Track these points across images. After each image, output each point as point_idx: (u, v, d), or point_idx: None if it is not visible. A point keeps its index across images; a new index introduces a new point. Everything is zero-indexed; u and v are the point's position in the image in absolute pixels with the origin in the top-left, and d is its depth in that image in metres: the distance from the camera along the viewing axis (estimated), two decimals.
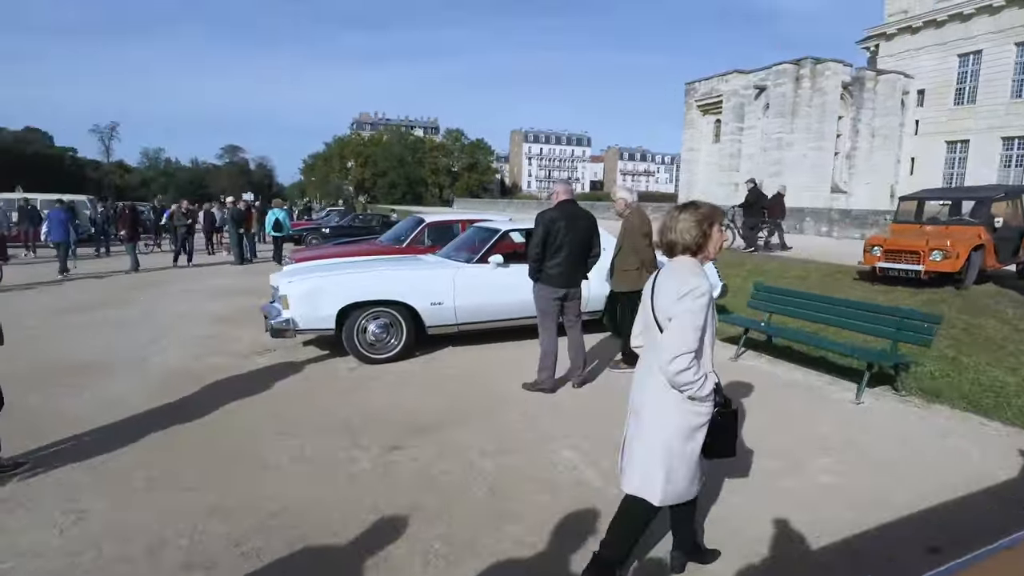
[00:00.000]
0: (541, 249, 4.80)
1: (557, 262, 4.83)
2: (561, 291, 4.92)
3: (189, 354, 6.27)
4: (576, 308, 5.09)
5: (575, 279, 4.98)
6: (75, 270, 13.39)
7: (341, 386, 5.22)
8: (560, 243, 4.79)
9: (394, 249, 8.73)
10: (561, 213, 4.83)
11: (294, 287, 5.52)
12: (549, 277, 4.87)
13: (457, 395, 4.97)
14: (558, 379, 5.11)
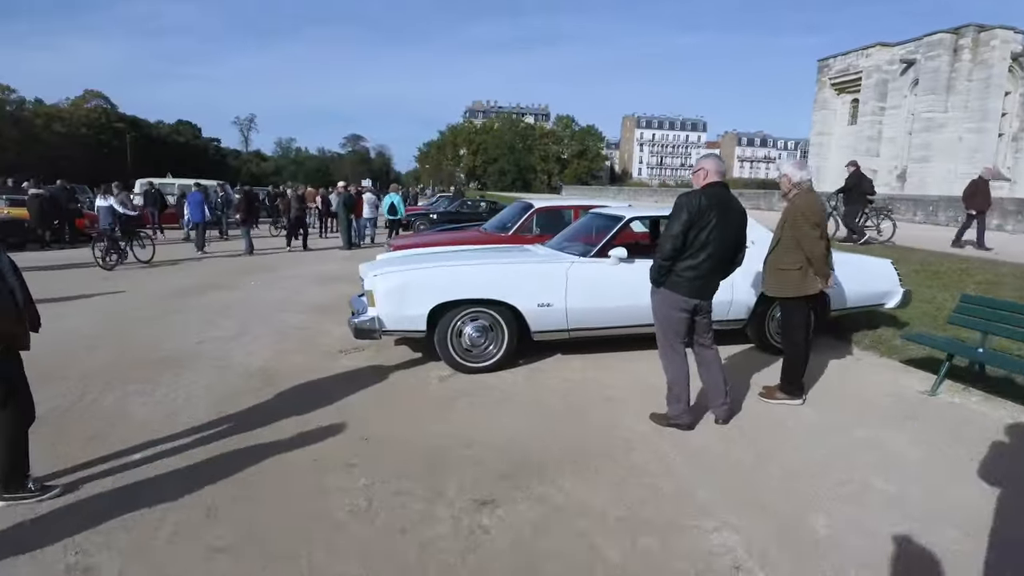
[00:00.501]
0: (681, 245, 3.66)
1: (695, 264, 3.68)
2: (693, 302, 3.76)
3: (274, 350, 5.76)
4: (708, 324, 3.91)
5: (711, 288, 3.81)
6: (207, 249, 14.17)
7: (429, 401, 4.40)
8: (706, 239, 3.63)
9: (499, 238, 7.87)
10: (711, 199, 3.66)
11: (380, 281, 4.76)
12: (679, 282, 3.72)
13: (568, 423, 3.97)
14: (693, 405, 3.97)
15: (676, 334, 3.83)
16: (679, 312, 3.78)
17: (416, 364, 5.25)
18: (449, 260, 5.16)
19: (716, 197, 3.67)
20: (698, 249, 3.66)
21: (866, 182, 12.59)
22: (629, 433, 3.84)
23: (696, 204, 3.63)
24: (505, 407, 4.28)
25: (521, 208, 8.29)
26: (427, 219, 19.22)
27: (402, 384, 4.75)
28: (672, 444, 3.68)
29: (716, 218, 3.62)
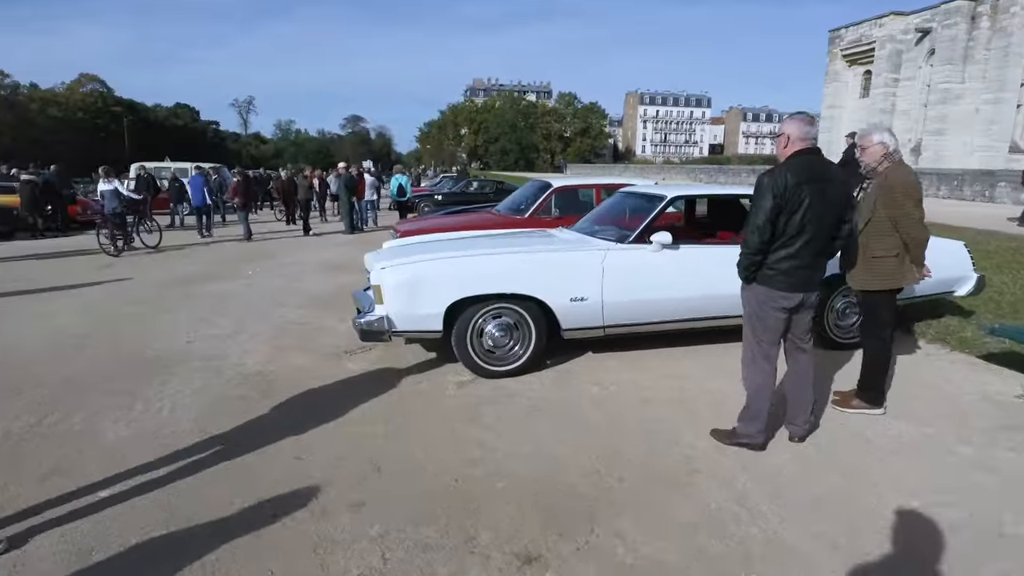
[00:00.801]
0: (769, 236, 3.03)
1: (792, 252, 3.04)
2: (796, 297, 3.13)
3: (271, 349, 5.16)
4: (808, 322, 3.27)
5: (817, 277, 3.17)
6: (207, 235, 13.87)
7: (447, 413, 3.80)
8: (801, 223, 2.98)
9: (514, 221, 7.22)
10: (802, 174, 2.99)
11: (389, 275, 4.14)
12: (775, 276, 3.09)
13: (614, 441, 3.37)
14: None
15: (771, 337, 3.20)
16: (777, 311, 3.15)
17: (430, 367, 4.65)
18: (466, 248, 4.52)
19: (806, 170, 3.01)
20: (793, 236, 3.02)
21: None
22: (689, 452, 3.24)
23: (782, 184, 2.98)
24: (537, 422, 3.68)
25: (538, 188, 7.62)
26: (432, 200, 18.57)
27: (415, 393, 4.15)
28: (742, 468, 3.08)
29: (810, 196, 2.97)
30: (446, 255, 4.34)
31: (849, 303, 4.85)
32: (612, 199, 5.65)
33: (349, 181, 14.32)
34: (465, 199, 17.41)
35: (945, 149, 30.67)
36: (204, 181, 14.32)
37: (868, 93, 36.78)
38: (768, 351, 3.21)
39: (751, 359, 3.26)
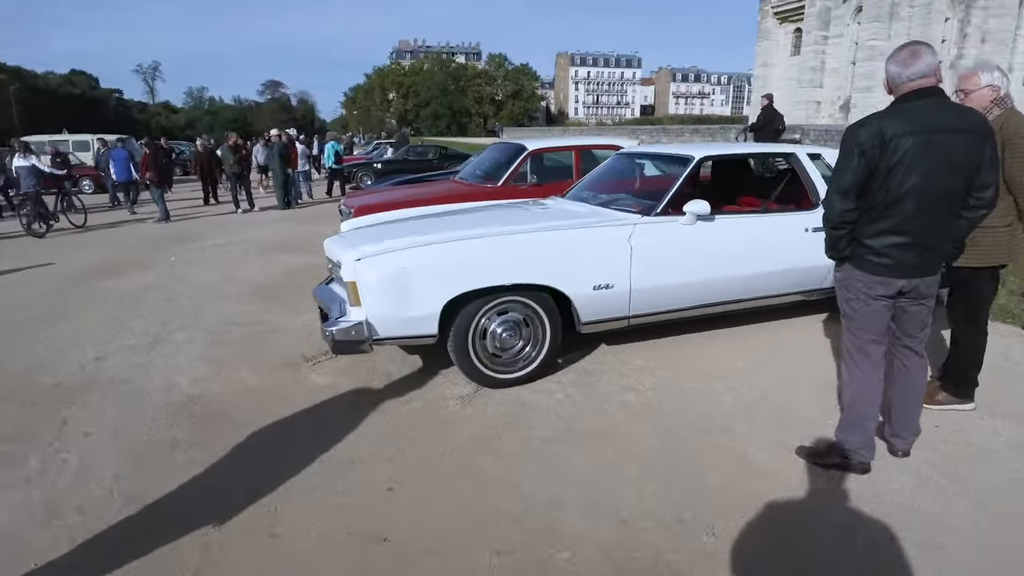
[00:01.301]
0: (854, 201, 2.32)
1: (891, 226, 2.33)
2: (896, 283, 2.43)
3: (209, 363, 4.12)
4: (924, 317, 2.59)
5: (929, 260, 2.43)
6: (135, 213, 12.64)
7: (455, 442, 2.96)
8: (904, 186, 2.26)
9: (485, 190, 6.31)
10: (906, 123, 2.25)
11: (369, 268, 3.18)
12: (869, 256, 2.40)
13: (677, 469, 2.64)
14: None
15: (869, 332, 2.51)
16: (874, 300, 2.45)
17: (418, 376, 3.77)
18: (456, 228, 3.61)
19: (913, 117, 2.28)
20: (892, 203, 2.31)
21: (778, 118, 11.82)
22: (778, 481, 2.54)
23: (875, 136, 2.25)
24: (573, 449, 2.89)
25: (510, 152, 6.70)
26: (371, 170, 17.24)
27: (409, 415, 3.27)
28: (857, 500, 2.42)
29: (915, 151, 2.25)
30: (436, 238, 3.42)
31: None
32: (613, 163, 4.83)
33: (283, 150, 12.82)
34: (408, 167, 16.22)
35: (872, 106, 31.46)
36: (129, 154, 13.19)
37: (799, 51, 37.27)
38: (867, 347, 2.54)
39: (849, 355, 2.60)
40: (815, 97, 36.82)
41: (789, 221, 3.88)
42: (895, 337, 2.63)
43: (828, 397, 3.32)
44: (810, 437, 2.89)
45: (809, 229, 3.89)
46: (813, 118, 35.84)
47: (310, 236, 9.26)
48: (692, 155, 3.85)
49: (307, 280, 6.36)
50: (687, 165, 3.81)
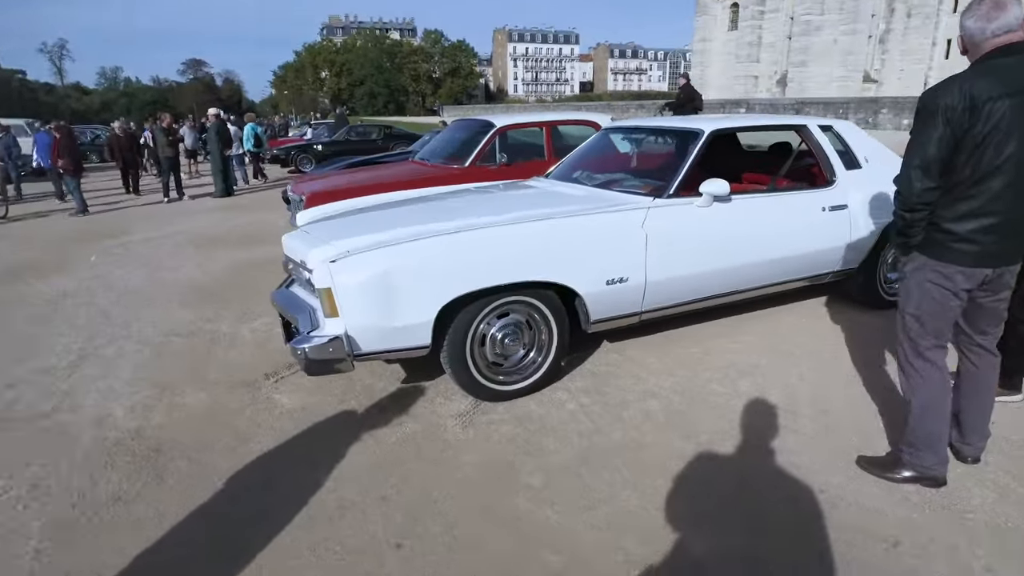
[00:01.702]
0: (935, 176, 1.97)
1: (978, 207, 2.00)
2: (980, 273, 2.10)
3: (146, 386, 3.47)
4: (1003, 309, 2.28)
5: (1016, 245, 2.11)
6: None
7: (465, 476, 2.49)
8: (996, 159, 1.93)
9: (451, 173, 5.77)
10: (996, 83, 1.91)
11: (347, 270, 2.63)
12: (950, 242, 2.07)
13: (741, 499, 2.27)
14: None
15: (937, 335, 2.19)
16: (949, 295, 2.13)
17: (406, 391, 3.26)
18: (440, 218, 3.08)
19: (1008, 75, 1.92)
20: (981, 179, 1.97)
21: (697, 98, 11.88)
22: (852, 506, 2.21)
23: (963, 99, 1.91)
24: (613, 479, 2.47)
25: (476, 129, 6.15)
26: (311, 152, 16.23)
27: (402, 442, 2.77)
28: (945, 520, 2.11)
29: (1015, 113, 1.91)
30: (423, 231, 2.89)
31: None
32: (601, 139, 4.38)
33: (221, 130, 11.72)
34: (351, 148, 15.35)
35: (808, 79, 32.36)
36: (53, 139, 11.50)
37: (736, 26, 37.83)
38: (931, 353, 2.22)
39: (910, 360, 2.27)
40: (752, 72, 37.55)
41: (806, 200, 3.56)
42: (964, 335, 2.33)
43: (858, 390, 3.04)
44: (864, 443, 2.59)
45: (826, 208, 3.59)
46: (751, 93, 36.58)
47: (253, 226, 8.47)
48: (702, 128, 3.45)
49: (255, 278, 5.69)
50: (697, 140, 3.41)
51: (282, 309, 3.14)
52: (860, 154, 3.78)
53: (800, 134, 3.74)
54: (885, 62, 32.17)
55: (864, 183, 3.70)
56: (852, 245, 3.70)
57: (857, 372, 3.25)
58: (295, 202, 5.90)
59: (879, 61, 32.14)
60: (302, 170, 15.82)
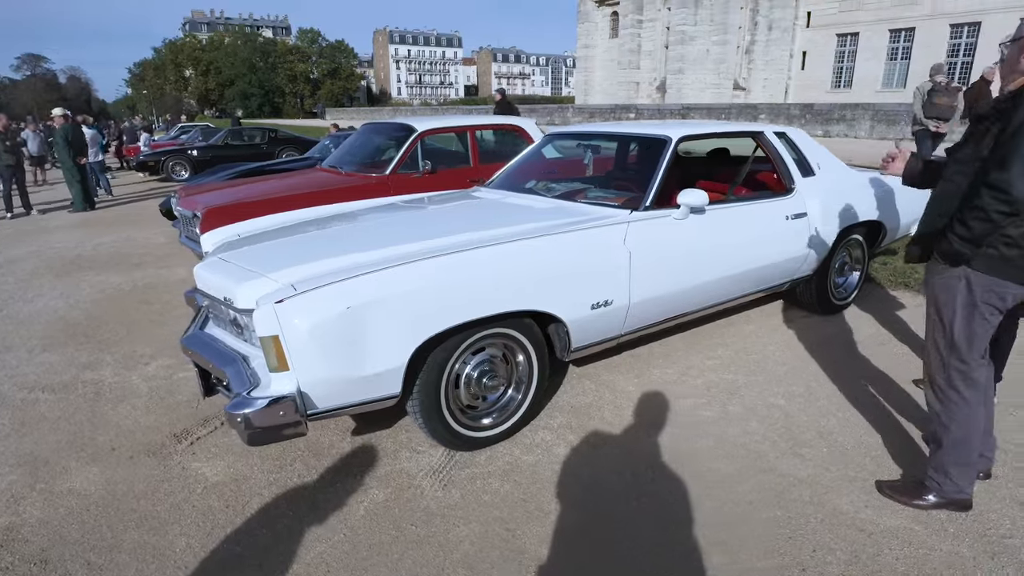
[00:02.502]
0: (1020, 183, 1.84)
1: None
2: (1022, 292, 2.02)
3: (13, 464, 2.67)
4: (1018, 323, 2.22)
5: None
6: None
7: (456, 560, 2.06)
8: None
9: (370, 182, 5.21)
10: None
11: (299, 312, 2.07)
12: (1005, 257, 1.95)
13: (789, 550, 2.03)
14: None
15: (980, 351, 2.07)
16: (996, 313, 2.01)
17: (358, 444, 2.74)
18: (395, 240, 2.60)
19: None
20: None
21: (513, 111, 11.69)
22: (897, 542, 2.04)
23: None
24: (622, 537, 2.14)
25: (396, 134, 5.61)
26: (185, 158, 14.62)
27: (368, 516, 2.27)
28: (981, 548, 1.99)
29: None
30: (383, 257, 2.40)
31: (845, 260, 4.13)
32: (546, 145, 4.06)
33: (71, 134, 10.11)
34: (232, 154, 14.02)
35: (685, 86, 34.36)
36: None
37: (617, 34, 39.36)
38: (975, 372, 2.10)
39: (946, 387, 2.14)
40: (634, 78, 39.29)
41: (772, 209, 3.46)
42: None
43: (847, 407, 2.96)
44: (876, 466, 2.46)
45: (789, 216, 3.51)
46: (633, 98, 38.29)
47: (124, 245, 7.32)
48: (669, 135, 3.23)
49: (137, 309, 4.81)
50: (666, 147, 3.18)
51: (200, 359, 2.51)
52: (813, 161, 3.76)
53: (757, 141, 3.65)
54: (752, 71, 34.89)
55: (819, 190, 3.68)
56: (810, 253, 3.66)
57: (838, 387, 3.18)
58: (185, 217, 5.07)
59: (746, 70, 34.80)
60: (175, 178, 14.24)
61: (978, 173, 1.95)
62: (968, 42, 29.35)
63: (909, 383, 3.17)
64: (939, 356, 2.13)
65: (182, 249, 6.88)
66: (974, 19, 28.73)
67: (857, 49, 33.49)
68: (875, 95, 31.07)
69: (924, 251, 2.17)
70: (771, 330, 3.95)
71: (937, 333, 2.14)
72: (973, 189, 1.93)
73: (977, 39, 28.80)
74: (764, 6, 34.01)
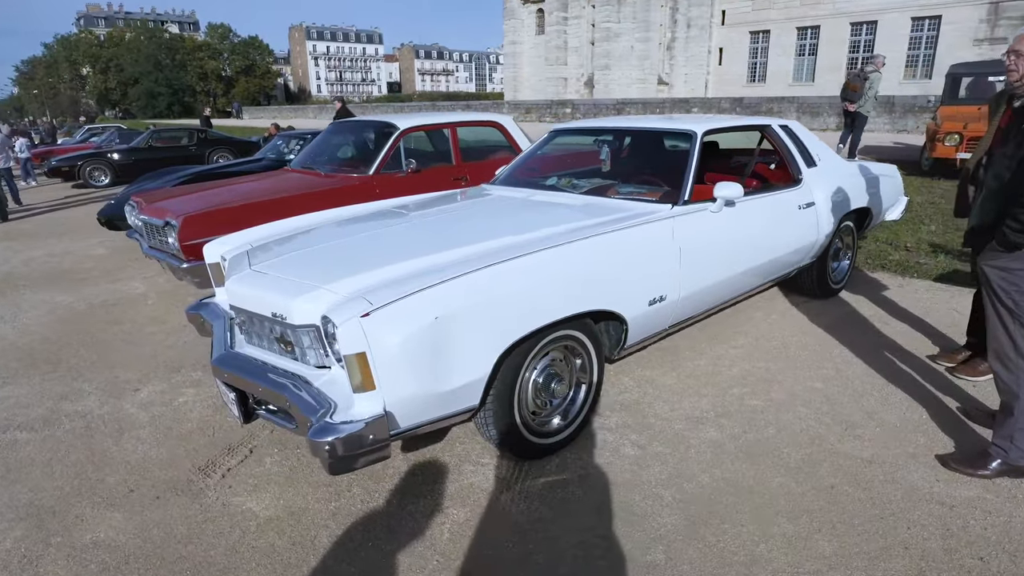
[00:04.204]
0: None
1: None
2: None
3: (13, 519, 2.34)
4: None
5: None
6: None
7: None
8: None
9: (353, 183, 4.96)
10: None
11: (388, 325, 1.89)
12: None
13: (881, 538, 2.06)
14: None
15: None
16: None
17: (409, 464, 2.57)
18: (440, 244, 2.46)
19: None
20: None
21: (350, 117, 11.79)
22: (987, 523, 2.12)
23: None
24: (739, 535, 2.12)
25: (376, 132, 5.35)
26: (103, 161, 13.51)
27: (451, 539, 2.13)
28: None
29: None
30: (447, 260, 2.25)
31: (839, 245, 4.29)
32: (554, 141, 3.98)
33: None
34: (157, 157, 13.11)
35: (612, 82, 35.12)
36: None
37: (544, 31, 39.67)
38: None
39: (1019, 356, 2.24)
40: (561, 74, 39.75)
41: (787, 199, 3.54)
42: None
43: (882, 385, 3.06)
44: (930, 442, 2.56)
45: (801, 206, 3.61)
46: (562, 94, 38.74)
47: (60, 260, 6.66)
48: (693, 129, 3.22)
49: (102, 329, 4.39)
50: (693, 141, 3.17)
51: (243, 383, 2.27)
52: (814, 152, 3.87)
53: (764, 134, 3.73)
54: (674, 67, 36.09)
55: (822, 180, 3.80)
56: (818, 240, 3.78)
57: (865, 366, 3.28)
58: (153, 226, 4.64)
59: (669, 66, 35.96)
60: (93, 183, 13.15)
61: (1019, 170, 2.10)
62: (867, 39, 31.57)
63: (925, 359, 3.33)
64: (1006, 332, 2.24)
65: (132, 262, 6.35)
66: (871, 18, 30.95)
67: (769, 46, 35.30)
68: (787, 88, 32.93)
69: (980, 240, 2.29)
70: (780, 316, 4.05)
71: (1002, 311, 2.24)
72: (1019, 186, 2.08)
73: (875, 36, 31.02)
74: (683, 4, 35.24)
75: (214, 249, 3.06)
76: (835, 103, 18.89)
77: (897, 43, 29.39)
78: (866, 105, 9.61)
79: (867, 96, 9.55)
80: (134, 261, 6.41)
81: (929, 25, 28.90)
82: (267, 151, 8.32)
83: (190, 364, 3.73)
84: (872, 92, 9.50)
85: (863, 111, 9.66)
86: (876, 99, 9.68)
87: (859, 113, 9.70)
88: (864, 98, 9.58)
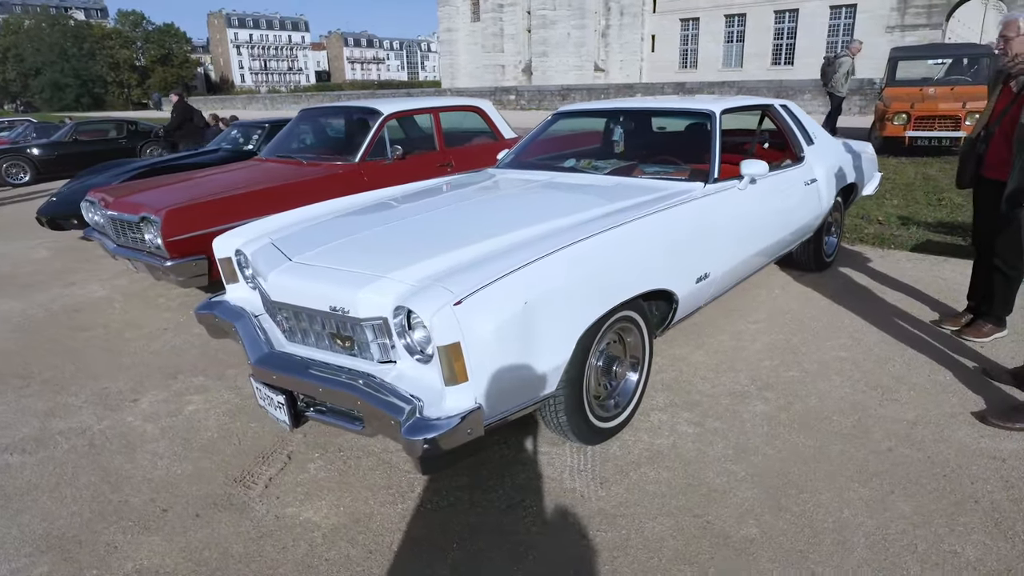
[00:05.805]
0: None
1: None
2: None
3: (26, 551, 2.10)
4: None
5: None
6: None
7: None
8: None
9: (335, 171, 4.73)
10: None
11: (478, 311, 1.78)
12: None
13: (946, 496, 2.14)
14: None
15: None
16: None
17: (459, 464, 2.47)
18: (492, 227, 2.35)
19: None
20: None
21: (195, 113, 10.24)
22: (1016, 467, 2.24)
23: None
24: (817, 501, 2.14)
25: (358, 118, 5.11)
26: (22, 157, 12.41)
27: (538, 539, 2.06)
28: None
29: None
30: (513, 242, 2.16)
31: (830, 220, 4.44)
32: (550, 123, 3.90)
33: None
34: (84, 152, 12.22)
35: (550, 68, 35.23)
36: None
37: (479, 18, 39.26)
38: None
39: None
40: (499, 61, 39.53)
41: (796, 176, 3.62)
42: None
43: (900, 350, 3.19)
44: (962, 401, 2.69)
45: (806, 182, 3.70)
46: (500, 81, 38.55)
47: (18, 260, 6.06)
48: (711, 109, 3.23)
49: (71, 337, 4.05)
50: (712, 120, 3.18)
51: (305, 385, 2.11)
52: (811, 131, 3.98)
53: (768, 113, 3.80)
54: (609, 54, 36.55)
55: (820, 157, 3.91)
56: (819, 215, 3.90)
57: (881, 334, 3.40)
58: (124, 223, 4.27)
59: (604, 53, 36.39)
60: (12, 181, 12.07)
61: None
62: (790, 26, 32.97)
63: (931, 324, 3.49)
64: None
65: (82, 263, 5.87)
66: (793, 6, 32.33)
67: (699, 33, 36.28)
68: (717, 74, 34.01)
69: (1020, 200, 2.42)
70: (781, 290, 4.16)
71: None
72: None
73: (797, 23, 32.45)
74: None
75: (226, 243, 2.84)
76: (771, 87, 19.66)
77: (816, 30, 30.88)
78: (837, 86, 10.35)
79: (837, 78, 10.34)
80: (85, 263, 5.92)
81: (846, 13, 30.48)
82: (220, 141, 7.84)
83: (187, 369, 3.46)
84: (840, 74, 10.31)
85: (837, 93, 10.41)
86: (846, 80, 10.42)
87: (833, 94, 10.51)
88: (835, 79, 10.37)
